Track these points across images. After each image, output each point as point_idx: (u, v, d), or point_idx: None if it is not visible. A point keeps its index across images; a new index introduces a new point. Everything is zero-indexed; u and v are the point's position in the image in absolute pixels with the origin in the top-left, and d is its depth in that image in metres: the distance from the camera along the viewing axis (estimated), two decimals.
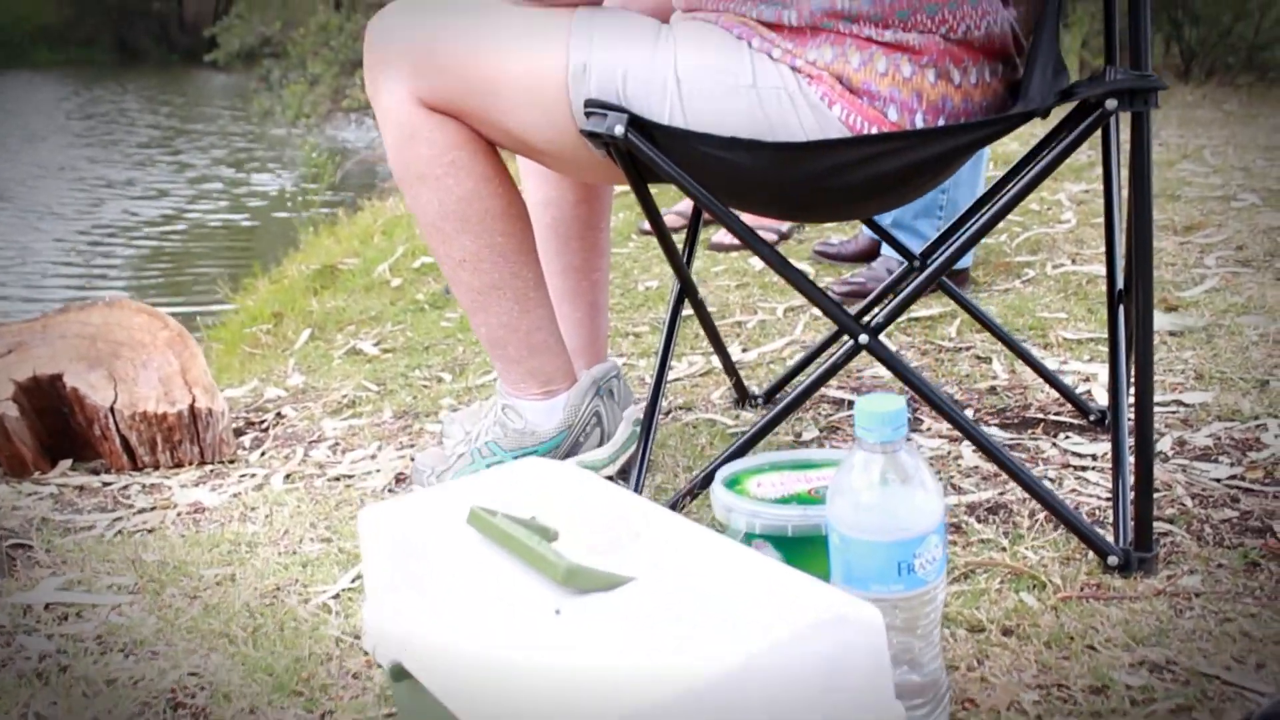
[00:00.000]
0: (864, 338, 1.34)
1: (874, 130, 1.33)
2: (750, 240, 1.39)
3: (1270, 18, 10.53)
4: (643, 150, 1.35)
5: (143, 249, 6.83)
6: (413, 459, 1.94)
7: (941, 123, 1.35)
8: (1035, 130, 1.46)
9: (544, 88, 1.40)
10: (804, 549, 1.02)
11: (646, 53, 1.38)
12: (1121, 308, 1.51)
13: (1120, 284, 1.53)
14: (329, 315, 3.36)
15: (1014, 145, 4.18)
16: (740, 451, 1.39)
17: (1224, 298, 2.52)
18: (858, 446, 0.93)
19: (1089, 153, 4.57)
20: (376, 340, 2.97)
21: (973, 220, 1.51)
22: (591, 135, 1.37)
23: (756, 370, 2.30)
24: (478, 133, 1.50)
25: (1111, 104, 1.23)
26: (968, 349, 2.30)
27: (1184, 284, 2.66)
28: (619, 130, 1.34)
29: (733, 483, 1.12)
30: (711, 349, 2.08)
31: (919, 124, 1.33)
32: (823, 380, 1.39)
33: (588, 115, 1.37)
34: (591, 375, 1.70)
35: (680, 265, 1.61)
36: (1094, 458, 1.69)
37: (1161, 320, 2.34)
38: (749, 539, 1.05)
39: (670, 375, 2.30)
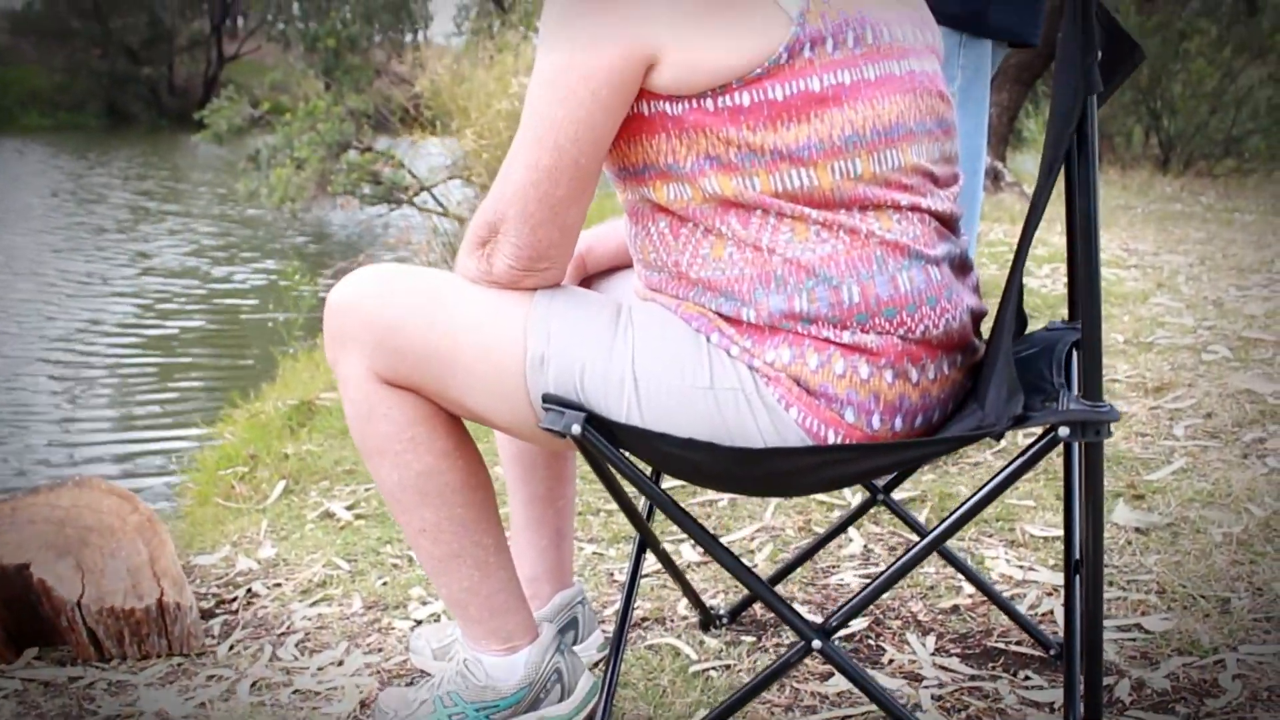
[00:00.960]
0: (817, 642, 1.35)
1: (830, 433, 1.35)
2: (712, 549, 1.41)
3: (1246, 111, 10.69)
4: (599, 449, 1.36)
5: (119, 360, 6.59)
6: (379, 688, 1.94)
7: (898, 421, 1.37)
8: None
9: (502, 376, 1.42)
10: None
11: (604, 347, 1.39)
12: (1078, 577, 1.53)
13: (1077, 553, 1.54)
14: (304, 464, 3.36)
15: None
16: None
17: (1191, 483, 2.54)
18: None
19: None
20: (349, 502, 2.98)
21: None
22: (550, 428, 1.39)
23: None
24: (438, 404, 1.51)
25: (1064, 431, 1.25)
26: None
27: (1153, 461, 2.69)
28: (576, 430, 1.36)
29: None
30: (682, 532, 2.09)
31: (875, 425, 1.35)
32: (769, 681, 1.40)
33: (545, 409, 1.39)
34: (554, 621, 1.71)
35: (641, 522, 1.62)
36: (1050, 709, 1.70)
37: (1128, 515, 2.36)
38: None
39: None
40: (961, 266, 1.47)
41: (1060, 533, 2.31)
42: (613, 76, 1.31)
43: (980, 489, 1.30)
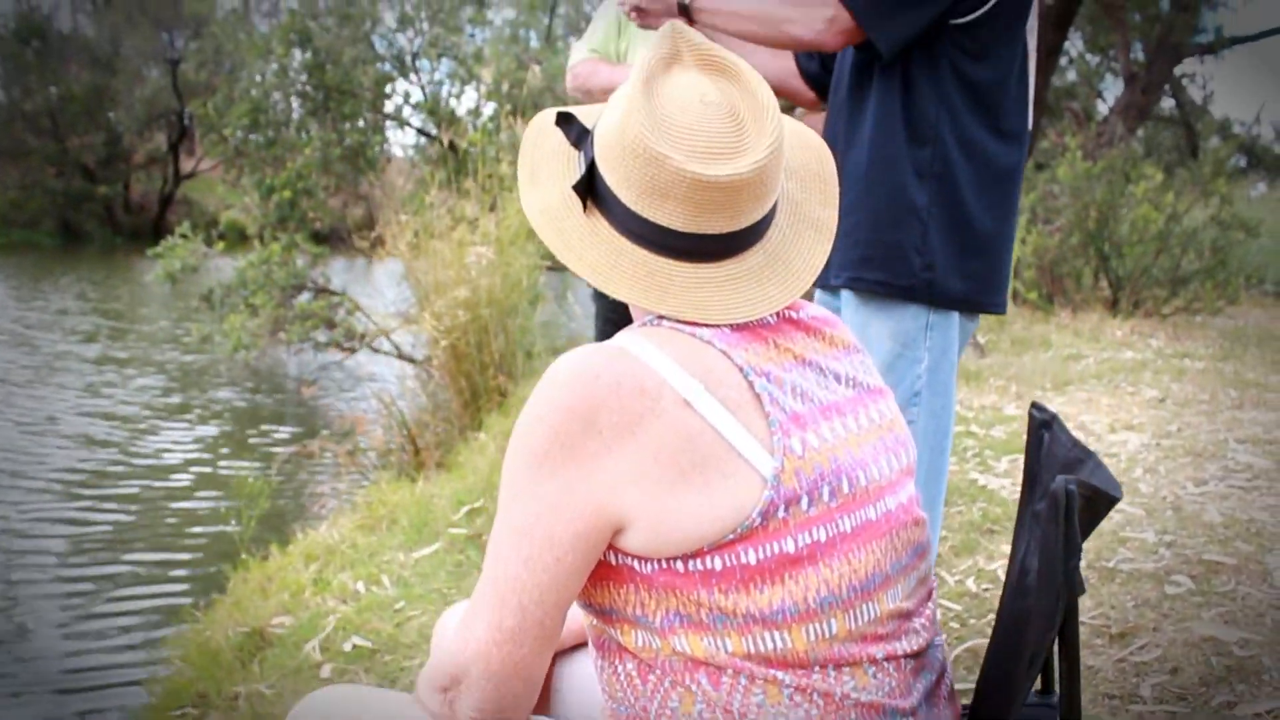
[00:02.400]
0: None
1: None
2: None
3: (1191, 253, 10.89)
4: None
5: (61, 565, 5.91)
6: None
7: None
8: None
9: None
10: None
11: None
12: None
13: None
14: (255, 712, 3.26)
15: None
16: None
17: None
18: None
19: None
20: None
21: None
22: None
23: None
24: None
25: None
26: None
27: None
28: None
29: None
30: None
31: None
32: None
33: None
34: None
35: None
36: None
37: None
38: None
39: None
40: (937, 684, 1.44)
41: None
42: (578, 543, 1.28)
43: None
